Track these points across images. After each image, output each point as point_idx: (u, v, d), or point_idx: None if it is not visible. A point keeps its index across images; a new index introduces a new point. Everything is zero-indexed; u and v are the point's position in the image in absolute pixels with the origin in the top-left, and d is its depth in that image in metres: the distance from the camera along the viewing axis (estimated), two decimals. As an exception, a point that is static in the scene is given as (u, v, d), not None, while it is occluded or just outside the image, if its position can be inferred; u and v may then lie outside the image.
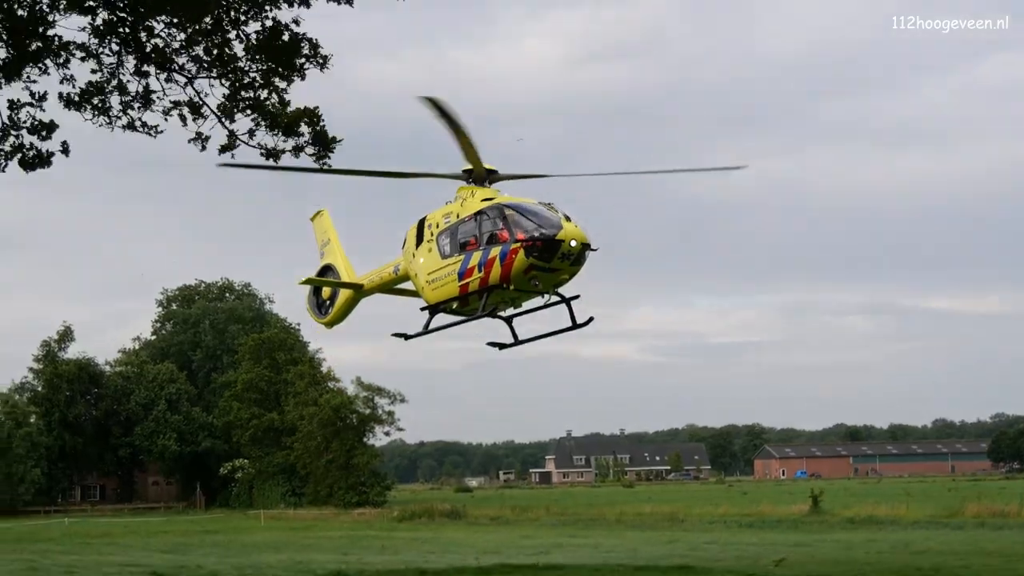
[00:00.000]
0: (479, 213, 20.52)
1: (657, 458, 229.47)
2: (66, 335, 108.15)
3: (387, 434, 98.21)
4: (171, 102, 15.49)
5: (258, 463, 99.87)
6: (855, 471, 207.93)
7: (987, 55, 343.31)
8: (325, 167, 16.18)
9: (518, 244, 19.38)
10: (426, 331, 22.18)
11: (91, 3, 14.59)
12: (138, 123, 15.54)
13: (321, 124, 15.57)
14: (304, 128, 15.50)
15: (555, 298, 21.04)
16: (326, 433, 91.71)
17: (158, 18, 15.06)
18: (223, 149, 15.66)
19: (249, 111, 15.50)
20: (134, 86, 15.50)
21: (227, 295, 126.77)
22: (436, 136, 19.57)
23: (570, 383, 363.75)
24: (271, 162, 15.61)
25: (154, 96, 15.46)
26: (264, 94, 15.46)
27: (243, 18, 15.06)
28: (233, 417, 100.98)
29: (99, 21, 14.89)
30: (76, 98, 15.27)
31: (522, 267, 19.44)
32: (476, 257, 20.38)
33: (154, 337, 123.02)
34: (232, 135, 15.51)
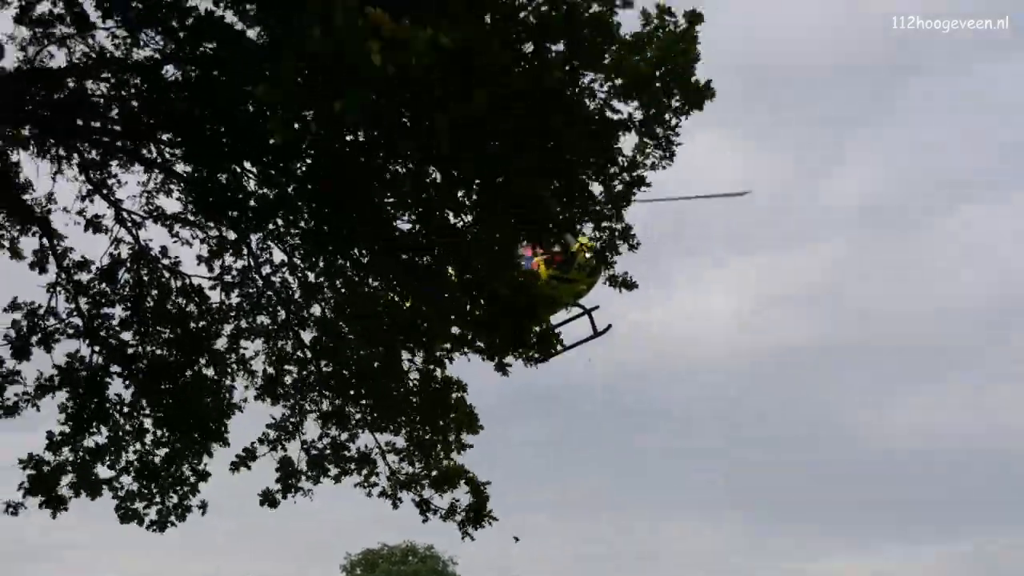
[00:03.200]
0: None
1: None
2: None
3: None
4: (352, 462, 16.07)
5: None
6: None
7: None
8: None
9: (539, 258, 20.93)
10: None
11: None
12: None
13: (483, 493, 15.77)
14: (463, 489, 15.80)
15: (577, 310, 22.46)
16: None
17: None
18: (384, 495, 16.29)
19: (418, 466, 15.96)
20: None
21: (410, 558, 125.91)
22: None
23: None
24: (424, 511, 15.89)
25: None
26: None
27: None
28: None
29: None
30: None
31: (543, 279, 20.95)
32: None
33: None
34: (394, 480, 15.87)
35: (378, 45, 8.22)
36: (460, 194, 13.41)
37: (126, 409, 15.98)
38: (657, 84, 12.45)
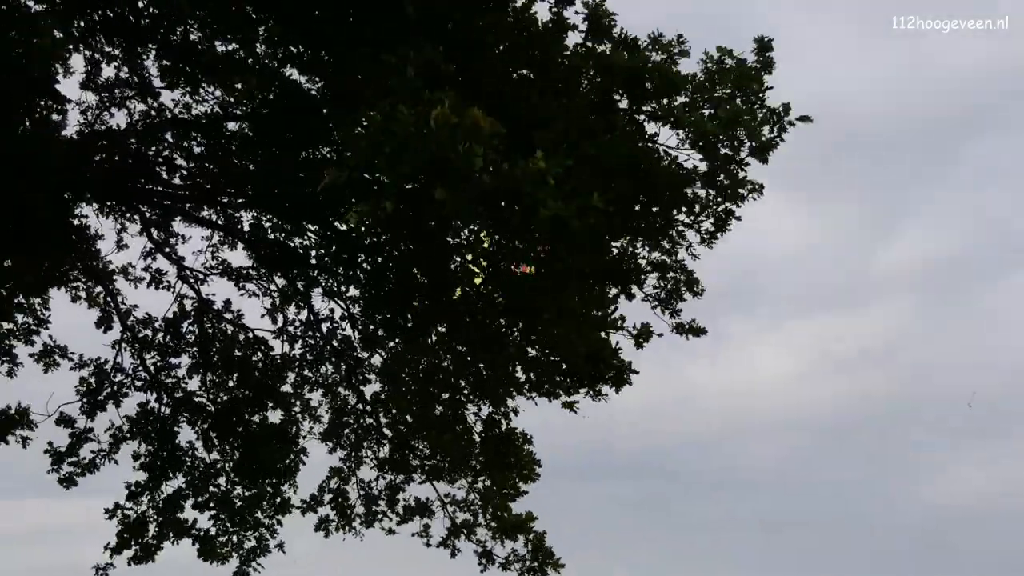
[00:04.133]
0: None
1: None
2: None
3: None
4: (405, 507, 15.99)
5: None
6: None
7: None
8: None
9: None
10: None
11: None
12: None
13: (543, 544, 15.49)
14: (522, 540, 15.55)
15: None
16: None
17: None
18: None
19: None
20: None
21: None
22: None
23: None
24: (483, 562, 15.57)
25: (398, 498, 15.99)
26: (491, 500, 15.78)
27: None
28: None
29: None
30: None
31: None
32: None
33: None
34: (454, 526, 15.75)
35: (480, 150, 8.09)
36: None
37: (199, 454, 16.05)
38: (722, 138, 12.24)
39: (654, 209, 12.95)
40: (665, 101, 12.36)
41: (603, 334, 13.67)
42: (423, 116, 8.45)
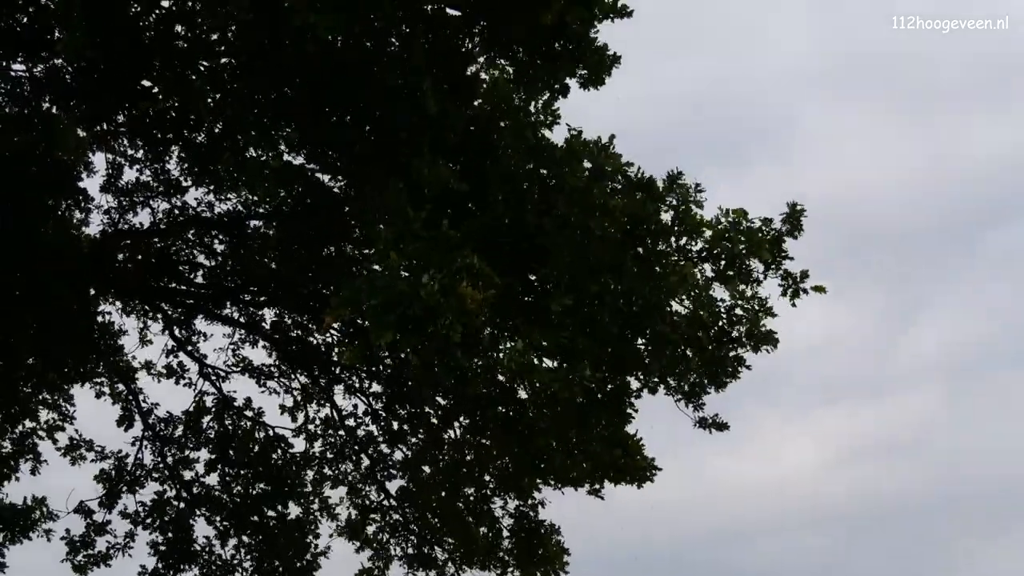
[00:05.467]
0: None
1: None
2: None
3: None
4: None
5: None
6: None
7: None
8: None
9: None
10: None
11: None
12: None
13: None
14: None
15: None
16: None
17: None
18: None
19: None
20: None
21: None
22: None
23: None
24: None
25: None
26: None
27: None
28: None
29: None
30: None
31: None
32: None
33: None
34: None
35: (460, 328, 8.18)
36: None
37: (215, 548, 15.84)
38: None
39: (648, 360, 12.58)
40: (681, 241, 12.09)
41: (627, 430, 13.42)
42: (415, 273, 8.53)
